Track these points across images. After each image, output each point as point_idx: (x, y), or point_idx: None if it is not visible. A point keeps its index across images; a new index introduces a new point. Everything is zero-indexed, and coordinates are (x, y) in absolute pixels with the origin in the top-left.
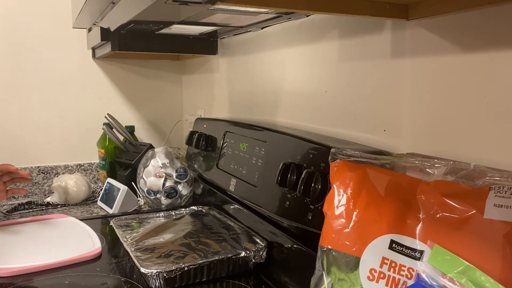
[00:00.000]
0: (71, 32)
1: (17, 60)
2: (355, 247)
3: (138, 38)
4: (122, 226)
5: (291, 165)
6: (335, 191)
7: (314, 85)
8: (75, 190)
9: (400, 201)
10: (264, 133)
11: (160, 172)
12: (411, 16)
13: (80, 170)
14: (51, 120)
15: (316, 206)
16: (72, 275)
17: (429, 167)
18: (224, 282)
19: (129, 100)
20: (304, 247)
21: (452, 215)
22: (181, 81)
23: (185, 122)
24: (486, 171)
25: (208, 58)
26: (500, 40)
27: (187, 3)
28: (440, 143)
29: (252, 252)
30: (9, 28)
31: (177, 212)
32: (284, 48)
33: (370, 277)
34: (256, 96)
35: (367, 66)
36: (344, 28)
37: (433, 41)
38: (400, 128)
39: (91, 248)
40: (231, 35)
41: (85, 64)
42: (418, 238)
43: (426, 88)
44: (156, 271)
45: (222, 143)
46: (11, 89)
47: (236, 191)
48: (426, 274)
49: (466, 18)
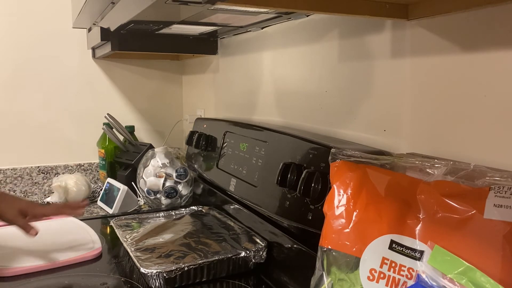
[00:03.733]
0: (71, 32)
1: (17, 60)
2: (355, 247)
3: (138, 38)
4: (122, 226)
5: (291, 165)
6: (335, 191)
7: (314, 85)
8: (75, 190)
9: (400, 201)
10: (264, 133)
11: (160, 172)
12: (411, 16)
13: (80, 170)
14: (51, 120)
15: (316, 206)
16: (72, 275)
17: (429, 167)
18: (224, 282)
19: (129, 100)
20: (304, 247)
21: (452, 215)
22: (181, 81)
23: (185, 122)
24: (486, 171)
25: (208, 58)
26: (500, 40)
27: (187, 3)
28: (440, 143)
29: (252, 252)
30: (9, 28)
31: (177, 212)
32: (284, 48)
33: (370, 277)
34: (256, 96)
35: (367, 66)
36: (344, 28)
37: (433, 41)
38: (400, 128)
39: (91, 248)
40: (231, 35)
41: (85, 64)
42: (418, 238)
43: (426, 88)
44: (156, 271)
45: (222, 143)
46: (11, 89)
47: (236, 191)
48: (426, 274)
49: (466, 18)
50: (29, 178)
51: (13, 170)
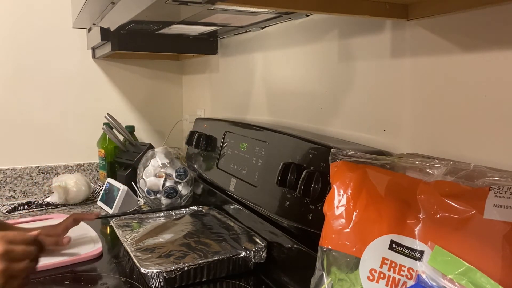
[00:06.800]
0: (71, 32)
1: (17, 60)
2: (355, 247)
3: (138, 38)
4: (122, 226)
5: (291, 165)
6: (335, 191)
7: (314, 85)
8: (75, 190)
9: (400, 201)
10: (264, 133)
11: (160, 172)
12: (411, 16)
13: (80, 170)
14: (51, 120)
15: (316, 206)
16: (72, 275)
17: (429, 167)
18: (224, 282)
19: (129, 100)
20: (304, 247)
21: (452, 215)
22: (181, 81)
23: (185, 122)
24: (486, 171)
25: (208, 58)
26: (500, 40)
27: (187, 3)
28: (440, 143)
29: (252, 252)
30: (9, 28)
31: (177, 212)
32: (284, 48)
33: (370, 277)
34: (256, 96)
35: (367, 66)
36: (344, 28)
37: (433, 41)
38: (400, 128)
39: (91, 248)
40: (231, 35)
41: (85, 64)
42: (418, 239)
43: (426, 88)
44: (156, 271)
45: (222, 143)
46: (11, 89)
47: (236, 191)
48: (426, 275)
49: (466, 18)
50: (29, 178)
51: (13, 170)
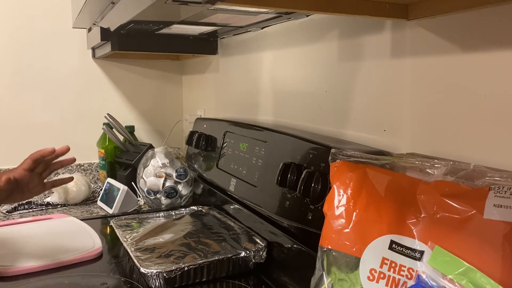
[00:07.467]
0: (71, 32)
1: (17, 60)
2: (355, 247)
3: (138, 38)
4: (122, 226)
5: (291, 165)
6: (335, 191)
7: (314, 85)
8: (75, 190)
9: (400, 201)
10: (264, 133)
11: (160, 172)
12: (411, 16)
13: (80, 170)
14: (51, 120)
15: (316, 206)
16: (72, 275)
17: (429, 167)
18: (224, 282)
19: (129, 100)
20: (304, 247)
21: (452, 215)
22: (181, 81)
23: (185, 122)
24: (486, 171)
25: (208, 58)
26: (500, 40)
27: (187, 3)
28: (440, 143)
29: (252, 252)
30: (9, 28)
31: (177, 212)
32: (284, 48)
33: (370, 277)
34: (256, 96)
35: (367, 66)
36: (344, 28)
37: (433, 41)
38: (400, 128)
39: (91, 248)
40: (231, 35)
41: (85, 64)
42: (418, 239)
43: (426, 88)
44: (156, 271)
45: (222, 143)
46: (11, 89)
47: (236, 191)
48: (426, 275)
49: (466, 18)
50: None
51: None
